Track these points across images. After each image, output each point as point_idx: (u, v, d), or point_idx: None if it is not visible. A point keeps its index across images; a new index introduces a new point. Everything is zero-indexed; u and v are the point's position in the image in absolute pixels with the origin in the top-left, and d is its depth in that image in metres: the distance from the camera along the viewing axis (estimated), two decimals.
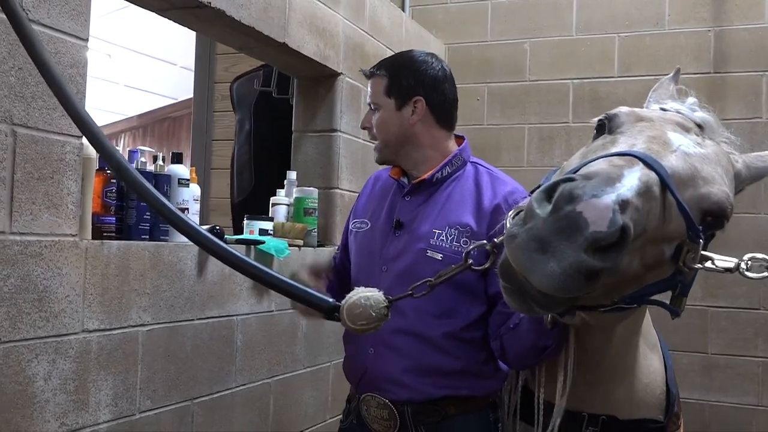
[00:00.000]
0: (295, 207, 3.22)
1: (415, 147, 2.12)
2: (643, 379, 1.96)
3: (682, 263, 1.40)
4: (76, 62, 2.04)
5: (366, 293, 1.48)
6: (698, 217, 1.46)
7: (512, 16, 4.71)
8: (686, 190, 1.43)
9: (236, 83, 4.02)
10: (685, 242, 1.40)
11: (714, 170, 1.51)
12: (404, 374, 2.02)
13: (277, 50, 3.05)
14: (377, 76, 2.14)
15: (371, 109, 2.16)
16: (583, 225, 1.19)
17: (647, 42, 4.40)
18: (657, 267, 1.44)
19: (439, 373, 2.02)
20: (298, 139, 3.52)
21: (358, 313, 1.46)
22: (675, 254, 1.41)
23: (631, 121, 1.59)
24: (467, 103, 4.78)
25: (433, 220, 2.07)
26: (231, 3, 2.67)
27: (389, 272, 2.07)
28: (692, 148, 1.52)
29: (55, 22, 1.97)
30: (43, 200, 1.94)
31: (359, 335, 2.09)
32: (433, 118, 2.12)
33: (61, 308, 2.00)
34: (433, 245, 2.03)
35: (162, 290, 2.36)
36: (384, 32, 3.93)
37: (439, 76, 2.14)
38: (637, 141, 1.50)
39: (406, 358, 2.02)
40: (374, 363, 2.06)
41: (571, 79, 4.55)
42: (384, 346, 2.04)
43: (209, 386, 2.60)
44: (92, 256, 2.10)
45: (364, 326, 1.46)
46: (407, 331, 2.02)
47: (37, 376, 1.93)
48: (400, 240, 2.09)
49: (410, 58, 2.17)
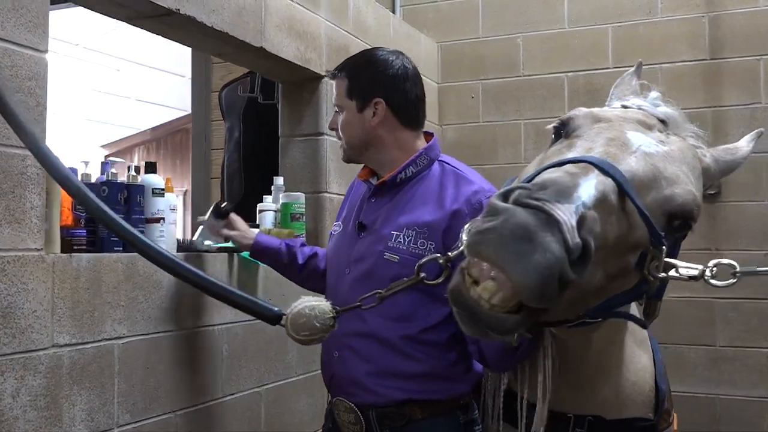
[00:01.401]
0: (282, 213, 3.18)
1: (378, 149, 2.10)
2: (631, 377, 1.90)
3: (647, 272, 1.34)
4: (34, 74, 2.01)
5: (312, 303, 1.44)
6: (663, 221, 1.39)
7: (503, 12, 4.65)
8: (648, 194, 1.38)
9: (224, 91, 3.99)
10: (649, 250, 1.34)
11: (678, 169, 1.45)
12: (366, 378, 2.00)
13: (254, 55, 3.02)
14: (339, 78, 2.12)
15: (336, 111, 2.14)
16: (559, 226, 1.14)
17: (641, 31, 4.33)
18: (622, 277, 1.38)
19: (401, 376, 2.00)
20: (285, 144, 3.49)
21: (302, 323, 1.43)
22: (639, 262, 1.35)
23: (587, 123, 1.53)
24: (462, 101, 4.74)
25: (392, 222, 2.05)
26: (201, 9, 2.64)
27: (351, 274, 2.07)
28: (654, 147, 1.45)
29: (10, 34, 1.95)
30: (3, 215, 1.91)
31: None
32: (395, 119, 2.09)
33: (28, 324, 1.97)
34: (391, 247, 2.01)
35: (138, 302, 2.33)
36: (370, 33, 3.89)
37: (399, 75, 2.09)
38: (594, 144, 1.44)
39: (368, 361, 2.01)
40: (340, 367, 2.06)
41: (566, 73, 4.48)
42: (347, 350, 2.04)
43: (193, 397, 2.56)
44: (60, 270, 2.07)
45: (307, 337, 1.42)
46: (367, 334, 2.01)
47: (4, 393, 1.90)
48: (363, 242, 2.08)
49: (369, 58, 2.13)
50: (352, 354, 2.03)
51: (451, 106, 4.75)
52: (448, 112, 4.76)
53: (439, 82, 4.78)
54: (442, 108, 4.76)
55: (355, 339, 2.01)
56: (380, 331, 2.00)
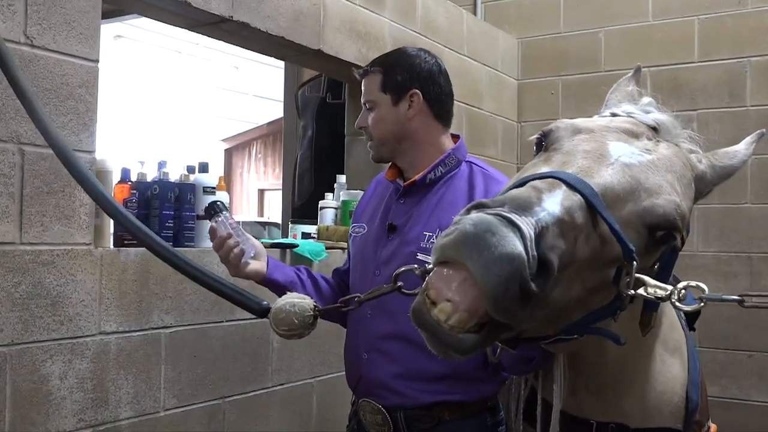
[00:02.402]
0: (342, 210, 3.27)
1: (412, 143, 2.09)
2: (657, 386, 1.84)
3: (622, 288, 1.29)
4: (84, 82, 2.18)
5: (294, 299, 1.50)
6: (644, 234, 1.35)
7: (585, 6, 4.55)
8: (624, 206, 1.33)
9: (301, 90, 4.12)
10: (623, 265, 1.29)
11: (663, 178, 1.40)
12: (395, 380, 2.00)
13: (313, 57, 3.12)
14: (371, 74, 2.11)
15: (366, 108, 2.13)
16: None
17: (729, 24, 4.13)
18: (602, 291, 1.34)
19: (430, 378, 1.98)
20: (350, 142, 3.58)
21: (281, 318, 1.49)
22: (615, 278, 1.31)
23: (567, 135, 1.49)
24: (541, 98, 4.68)
25: (424, 223, 2.04)
26: (255, 15, 2.76)
27: (381, 276, 2.04)
28: (636, 156, 1.41)
29: (62, 46, 2.13)
30: (54, 212, 2.09)
31: (352, 339, 2.11)
32: (430, 112, 2.08)
33: (76, 312, 2.15)
34: (424, 248, 1.99)
35: (186, 294, 2.48)
36: (440, 31, 3.91)
37: (434, 70, 2.10)
38: (569, 158, 1.40)
39: (397, 363, 2.00)
40: (368, 369, 2.05)
41: (649, 67, 4.32)
42: (376, 352, 2.04)
43: (242, 385, 2.70)
44: (108, 263, 2.24)
45: (286, 332, 1.48)
46: (397, 335, 2.00)
47: (52, 375, 2.09)
48: (392, 243, 2.07)
49: (403, 53, 2.14)
50: (381, 356, 2.03)
51: (530, 103, 4.70)
52: (527, 109, 4.71)
53: (519, 78, 4.74)
54: (521, 104, 4.72)
55: (385, 341, 2.02)
56: (411, 331, 2.00)
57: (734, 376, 4.07)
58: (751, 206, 4.00)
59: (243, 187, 16.72)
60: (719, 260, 4.08)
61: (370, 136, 2.14)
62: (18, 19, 2.01)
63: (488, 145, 4.44)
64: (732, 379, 4.07)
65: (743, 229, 4.02)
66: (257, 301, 1.54)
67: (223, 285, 1.56)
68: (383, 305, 1.98)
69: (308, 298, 1.53)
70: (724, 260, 4.08)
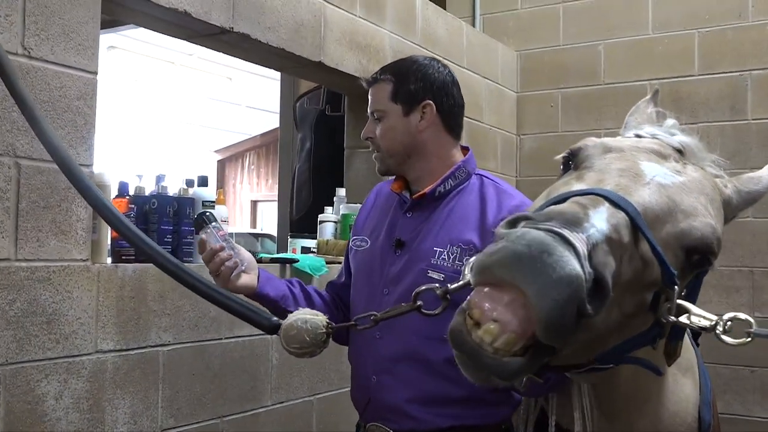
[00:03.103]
0: (342, 224, 3.22)
1: (421, 156, 2.01)
2: (671, 407, 1.81)
3: (660, 314, 1.24)
4: (83, 94, 2.13)
5: (306, 316, 1.45)
6: (681, 257, 1.30)
7: (585, 18, 4.53)
8: (662, 227, 1.28)
9: (298, 102, 4.09)
10: (662, 289, 1.24)
11: (696, 200, 1.36)
12: (408, 404, 1.92)
13: (313, 69, 3.08)
14: (381, 82, 2.02)
15: (374, 118, 2.03)
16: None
17: (730, 36, 4.11)
18: (638, 317, 1.28)
19: (444, 401, 1.91)
20: (349, 155, 3.54)
21: (292, 336, 1.44)
22: (653, 304, 1.26)
23: (598, 153, 1.44)
24: (541, 110, 4.65)
25: (434, 238, 1.96)
26: (256, 27, 2.72)
27: (391, 295, 1.96)
28: (669, 177, 1.36)
29: (60, 57, 2.08)
30: (50, 227, 2.04)
31: (359, 361, 2.05)
32: (442, 125, 2.01)
33: (72, 330, 2.09)
34: (434, 264, 1.91)
35: (184, 310, 2.42)
36: (440, 43, 3.88)
37: (448, 80, 2.03)
38: (604, 176, 1.34)
39: (409, 386, 1.92)
40: (378, 392, 1.97)
41: (649, 80, 4.31)
42: (386, 374, 1.95)
43: (241, 404, 2.64)
44: (105, 279, 2.18)
45: (297, 350, 1.43)
46: (408, 357, 1.92)
47: (47, 395, 2.03)
48: (400, 260, 1.98)
49: (415, 62, 2.06)
50: (393, 379, 1.94)
51: (529, 116, 4.67)
52: (526, 122, 4.68)
53: (518, 91, 4.71)
54: (520, 117, 4.69)
55: (395, 363, 1.94)
56: (425, 352, 1.93)
57: (737, 391, 4.03)
58: (754, 220, 3.98)
59: (236, 199, 16.68)
60: (721, 274, 4.04)
61: (377, 147, 2.04)
62: (15, 29, 1.97)
63: (488, 158, 4.40)
64: (735, 394, 4.03)
65: (746, 243, 4.00)
66: (267, 317, 1.49)
67: (231, 300, 1.51)
68: (391, 325, 1.90)
69: (321, 315, 1.47)
70: (726, 275, 4.05)
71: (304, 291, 2.06)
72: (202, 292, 1.53)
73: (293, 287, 2.04)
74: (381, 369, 1.96)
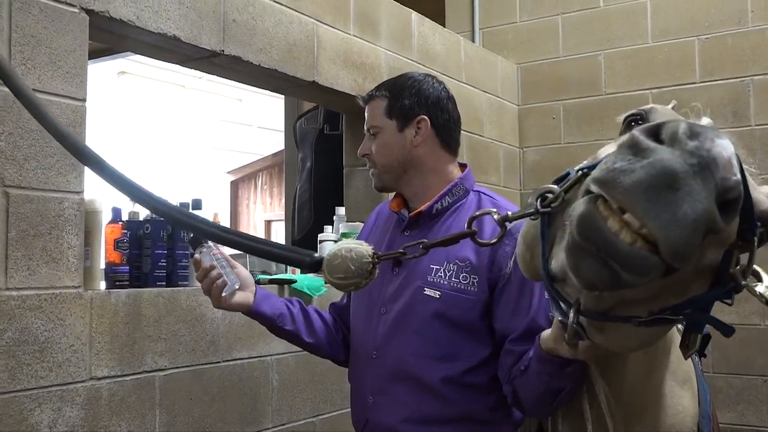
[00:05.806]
0: None
1: (418, 172, 2.00)
2: (668, 420, 1.77)
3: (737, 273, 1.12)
4: (72, 122, 2.14)
5: (351, 245, 1.39)
6: None
7: (584, 29, 4.52)
8: None
9: (298, 122, 4.09)
10: (735, 245, 1.12)
11: (754, 180, 1.34)
12: (403, 425, 1.89)
13: (307, 89, 3.08)
14: (376, 98, 2.02)
15: (370, 134, 2.04)
16: (713, 167, 0.97)
17: (730, 43, 4.08)
18: (705, 274, 1.16)
19: (440, 421, 1.88)
20: (348, 174, 3.53)
21: (336, 265, 1.38)
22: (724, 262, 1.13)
23: (668, 116, 1.43)
24: (542, 123, 4.63)
25: (430, 255, 1.91)
26: (247, 48, 2.72)
27: (388, 314, 1.95)
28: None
29: (48, 86, 2.09)
30: (41, 255, 2.04)
31: (357, 382, 2.03)
32: (437, 140, 2.00)
33: (65, 357, 2.09)
34: (431, 282, 1.89)
35: (180, 335, 2.41)
36: (437, 59, 3.87)
37: (442, 96, 2.02)
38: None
39: (405, 407, 1.91)
40: (374, 413, 1.96)
41: (650, 89, 4.29)
42: (382, 394, 1.94)
43: (241, 427, 2.62)
44: (98, 306, 2.18)
45: (341, 280, 1.38)
46: (404, 377, 1.91)
47: (41, 424, 2.02)
48: (398, 278, 1.96)
49: (410, 78, 2.06)
50: (389, 400, 1.93)
51: (531, 128, 4.65)
52: (528, 134, 4.66)
53: (519, 104, 4.70)
54: (522, 130, 4.67)
55: (392, 382, 1.92)
56: (422, 372, 1.91)
57: (750, 401, 3.96)
58: None
59: (250, 219, 16.72)
60: None
61: (373, 163, 2.04)
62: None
63: (490, 172, 4.39)
64: (748, 404, 3.96)
65: None
66: (306, 253, 1.44)
67: (265, 244, 1.47)
68: (390, 344, 1.92)
69: (365, 244, 1.43)
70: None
71: (303, 310, 2.07)
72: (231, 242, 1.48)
73: (292, 306, 2.04)
74: (377, 389, 1.95)
